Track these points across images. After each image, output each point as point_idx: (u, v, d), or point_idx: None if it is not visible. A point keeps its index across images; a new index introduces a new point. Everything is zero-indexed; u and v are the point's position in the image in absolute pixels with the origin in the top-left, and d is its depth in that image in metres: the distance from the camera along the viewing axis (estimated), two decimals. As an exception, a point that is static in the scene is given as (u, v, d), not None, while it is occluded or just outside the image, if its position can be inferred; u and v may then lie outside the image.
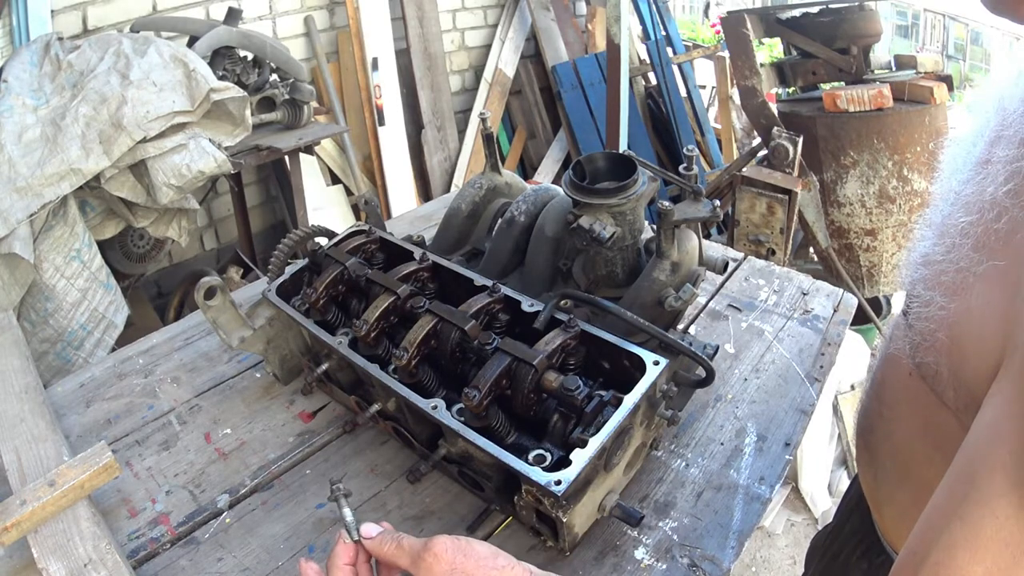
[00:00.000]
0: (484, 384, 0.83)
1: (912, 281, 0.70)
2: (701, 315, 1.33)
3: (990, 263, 0.57)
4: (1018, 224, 0.55)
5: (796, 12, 3.39)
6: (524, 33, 4.37)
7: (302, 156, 2.79)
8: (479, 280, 1.04)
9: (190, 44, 2.40)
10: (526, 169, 4.51)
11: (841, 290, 1.39)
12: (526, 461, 0.80)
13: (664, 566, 0.86)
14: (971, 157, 0.67)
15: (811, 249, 3.48)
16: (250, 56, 2.61)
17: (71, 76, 2.00)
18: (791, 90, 3.59)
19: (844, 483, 2.72)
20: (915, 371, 0.73)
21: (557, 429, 0.88)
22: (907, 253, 0.76)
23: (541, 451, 0.87)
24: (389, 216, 3.42)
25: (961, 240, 0.61)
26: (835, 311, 1.33)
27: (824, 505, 2.66)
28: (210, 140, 2.10)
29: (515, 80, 4.37)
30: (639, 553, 0.87)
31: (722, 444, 1.03)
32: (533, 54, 4.48)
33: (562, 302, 0.98)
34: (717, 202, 1.04)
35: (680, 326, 1.09)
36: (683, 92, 4.57)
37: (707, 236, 2.50)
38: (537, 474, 0.76)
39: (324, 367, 1.08)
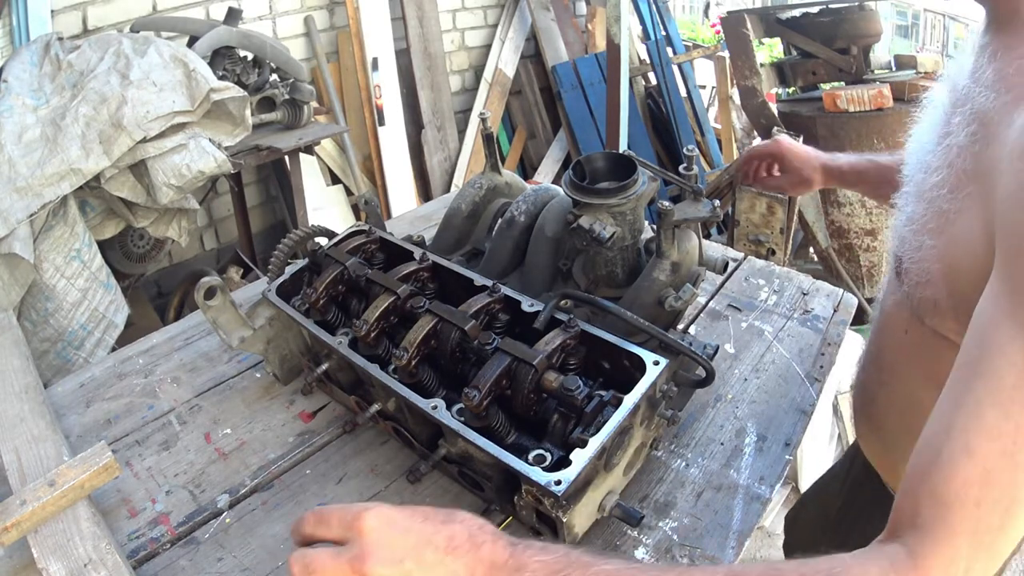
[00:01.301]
0: (484, 384, 0.83)
1: (900, 239, 0.79)
2: (701, 315, 1.33)
3: (964, 193, 0.68)
4: (981, 157, 0.66)
5: (796, 12, 3.39)
6: (524, 33, 4.37)
7: (302, 156, 2.79)
8: (479, 280, 1.04)
9: (190, 44, 2.40)
10: (526, 169, 4.51)
11: (841, 290, 1.39)
12: (526, 461, 0.80)
13: (664, 566, 0.86)
14: (934, 134, 0.77)
15: (811, 249, 3.48)
16: (250, 56, 2.61)
17: (71, 76, 2.00)
18: (791, 90, 3.59)
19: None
20: (913, 321, 0.81)
21: (557, 429, 0.88)
22: (892, 222, 0.85)
23: (541, 451, 0.87)
24: (389, 216, 3.42)
25: (937, 192, 0.72)
26: (835, 311, 1.33)
27: (824, 505, 2.66)
28: (210, 140, 2.09)
29: (515, 80, 4.36)
30: (639, 553, 0.87)
31: (722, 444, 1.03)
32: (533, 54, 4.48)
33: (562, 302, 0.98)
34: (717, 202, 1.04)
35: (680, 326, 1.09)
36: (683, 92, 4.57)
37: (707, 236, 2.50)
38: (537, 474, 0.76)
39: (324, 367, 1.08)
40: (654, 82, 4.47)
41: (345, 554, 0.56)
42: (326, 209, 3.35)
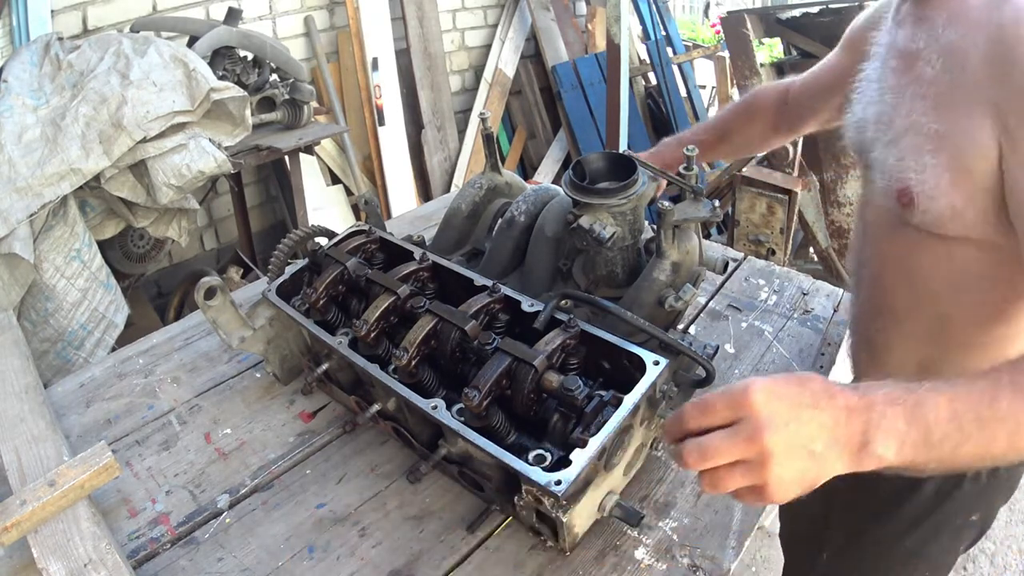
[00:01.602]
0: (484, 384, 0.83)
1: (898, 175, 0.86)
2: (701, 315, 1.33)
3: (952, 110, 0.79)
4: (962, 77, 0.78)
5: (796, 12, 3.39)
6: (524, 33, 4.37)
7: (302, 156, 2.79)
8: (479, 280, 1.04)
9: (190, 44, 2.40)
10: (526, 169, 4.51)
11: (841, 290, 1.39)
12: (526, 461, 0.80)
13: (664, 566, 0.86)
14: (887, 88, 0.90)
15: (811, 249, 3.48)
16: (250, 56, 2.61)
17: (71, 76, 2.00)
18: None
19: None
20: (923, 242, 0.89)
21: (557, 429, 0.88)
22: (875, 175, 0.93)
23: (541, 451, 0.87)
24: (389, 216, 3.42)
25: (919, 119, 0.82)
26: (835, 311, 1.33)
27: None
28: (210, 140, 2.09)
29: (515, 80, 4.36)
30: (639, 553, 0.87)
31: (722, 444, 1.03)
32: (533, 54, 4.47)
33: (562, 302, 0.98)
34: (717, 202, 1.04)
35: (680, 326, 1.09)
36: (683, 92, 4.57)
37: (707, 236, 2.50)
38: (537, 474, 0.76)
39: (324, 367, 1.08)
40: (654, 82, 4.47)
41: (741, 433, 0.59)
42: (326, 209, 3.35)
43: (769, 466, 0.58)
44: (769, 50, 5.78)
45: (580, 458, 0.77)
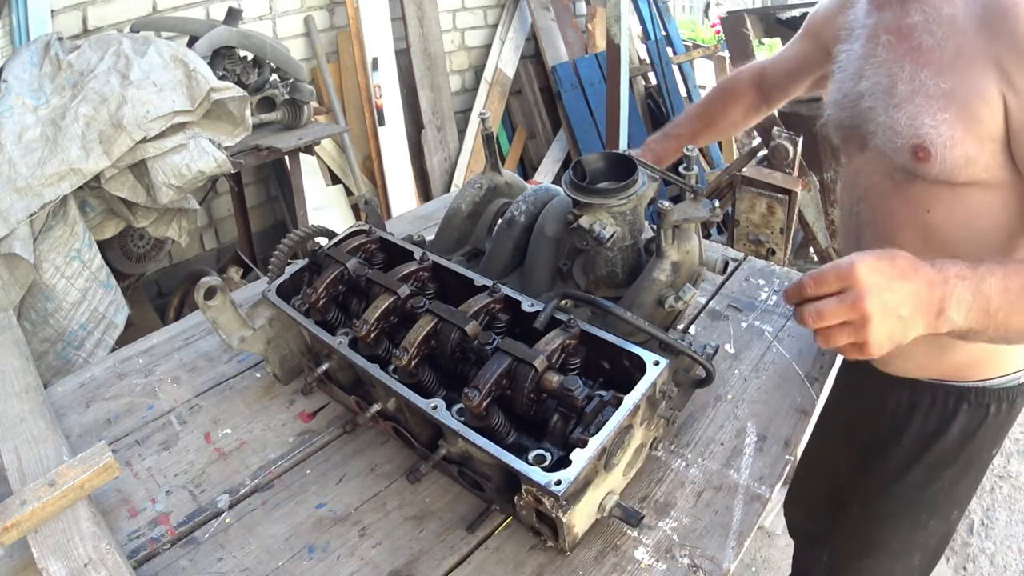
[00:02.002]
0: (484, 384, 0.83)
1: (913, 132, 0.94)
2: (701, 315, 1.33)
3: (954, 71, 0.90)
4: (964, 42, 0.89)
5: (796, 12, 3.39)
6: (524, 33, 4.37)
7: (302, 156, 2.79)
8: (479, 280, 1.04)
9: (190, 44, 2.40)
10: (526, 169, 4.51)
11: (841, 290, 1.39)
12: (526, 461, 0.80)
13: (664, 566, 0.86)
14: (887, 62, 0.99)
15: (811, 249, 3.48)
16: (250, 56, 2.61)
17: (71, 76, 2.00)
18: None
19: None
20: (938, 194, 0.97)
21: (557, 429, 0.88)
22: (881, 140, 1.02)
23: (541, 451, 0.87)
24: (389, 216, 3.42)
25: (926, 82, 0.92)
26: (835, 311, 1.33)
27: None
28: (210, 140, 2.09)
29: (515, 80, 4.36)
30: (639, 553, 0.87)
31: (722, 444, 1.03)
32: (533, 54, 4.47)
33: (562, 302, 0.98)
34: (717, 202, 1.04)
35: (680, 326, 1.09)
36: (683, 92, 4.57)
37: (707, 236, 2.50)
38: (537, 474, 0.76)
39: (324, 367, 1.08)
40: (654, 82, 4.47)
41: (847, 299, 0.73)
42: (326, 209, 3.35)
43: (869, 327, 0.73)
44: (769, 50, 5.77)
45: (580, 458, 0.77)
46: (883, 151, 1.01)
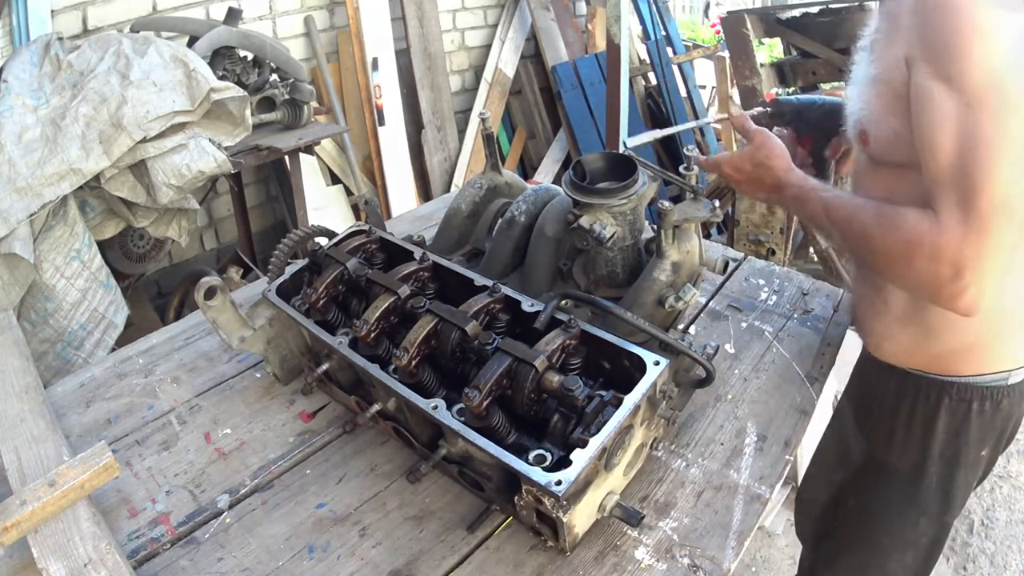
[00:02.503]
0: (484, 384, 0.83)
1: (863, 113, 1.04)
2: (701, 315, 1.33)
3: (884, 60, 0.97)
4: (891, 37, 0.96)
5: (796, 12, 3.39)
6: (524, 33, 4.36)
7: (302, 156, 2.79)
8: (479, 280, 1.04)
9: (190, 44, 2.40)
10: (526, 169, 4.51)
11: (841, 290, 1.39)
12: (526, 461, 0.80)
13: (664, 566, 0.86)
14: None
15: (811, 249, 3.47)
16: (250, 56, 2.61)
17: (71, 76, 2.00)
18: (791, 90, 3.58)
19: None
20: (878, 177, 1.05)
21: (557, 429, 0.88)
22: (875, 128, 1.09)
23: (541, 451, 0.87)
24: (389, 216, 3.41)
25: (867, 70, 1.02)
26: (835, 311, 1.33)
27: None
28: (210, 140, 2.09)
29: (515, 80, 4.36)
30: (639, 553, 0.87)
31: (722, 444, 1.03)
32: (533, 54, 4.47)
33: (562, 302, 0.98)
34: (717, 202, 1.04)
35: (680, 326, 1.09)
36: (683, 92, 4.57)
37: (707, 236, 2.50)
38: (537, 474, 0.76)
39: (324, 367, 1.08)
40: (654, 82, 4.47)
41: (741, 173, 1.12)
42: (326, 209, 3.35)
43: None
44: (769, 50, 5.78)
45: (580, 458, 0.77)
46: (853, 141, 1.12)
